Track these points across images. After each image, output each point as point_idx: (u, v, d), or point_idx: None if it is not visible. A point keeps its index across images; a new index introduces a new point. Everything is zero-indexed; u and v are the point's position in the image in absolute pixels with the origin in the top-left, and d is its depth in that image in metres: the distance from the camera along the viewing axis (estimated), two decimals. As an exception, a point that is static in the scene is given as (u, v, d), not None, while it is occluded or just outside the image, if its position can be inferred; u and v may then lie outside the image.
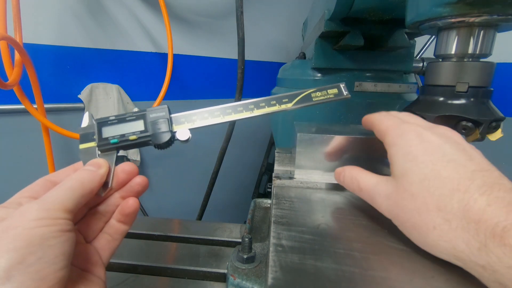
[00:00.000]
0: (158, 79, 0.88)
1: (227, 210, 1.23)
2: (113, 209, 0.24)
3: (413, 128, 0.23)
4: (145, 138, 0.25)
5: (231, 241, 0.40)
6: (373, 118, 0.28)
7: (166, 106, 0.26)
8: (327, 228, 0.25)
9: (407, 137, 0.23)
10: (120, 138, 0.24)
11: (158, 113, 0.26)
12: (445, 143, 0.21)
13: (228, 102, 0.27)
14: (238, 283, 0.27)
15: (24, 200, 0.20)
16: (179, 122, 0.26)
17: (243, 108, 0.27)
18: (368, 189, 0.25)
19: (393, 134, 0.24)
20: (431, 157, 0.21)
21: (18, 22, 0.54)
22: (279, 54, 1.15)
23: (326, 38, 0.50)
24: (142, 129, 0.25)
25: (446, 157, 0.20)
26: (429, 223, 0.19)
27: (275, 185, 0.34)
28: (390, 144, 0.24)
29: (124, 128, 0.25)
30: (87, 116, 0.26)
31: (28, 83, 0.57)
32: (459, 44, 0.28)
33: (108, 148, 0.24)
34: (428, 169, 0.20)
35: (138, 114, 0.25)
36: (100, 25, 0.77)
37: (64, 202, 0.19)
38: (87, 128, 0.25)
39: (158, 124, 0.25)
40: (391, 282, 0.19)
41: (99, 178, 0.22)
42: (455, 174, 0.19)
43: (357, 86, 0.51)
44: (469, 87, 0.28)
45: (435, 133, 0.22)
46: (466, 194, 0.18)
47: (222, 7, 0.95)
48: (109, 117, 0.25)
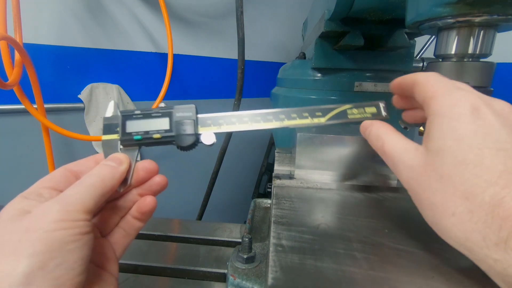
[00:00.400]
0: (158, 79, 0.88)
1: (227, 210, 1.23)
2: (130, 205, 0.24)
3: (469, 98, 0.19)
4: (168, 138, 0.24)
5: (231, 241, 0.40)
6: (418, 75, 0.23)
7: (193, 106, 0.25)
8: (327, 228, 0.25)
9: (459, 109, 0.19)
10: (144, 135, 0.24)
11: (185, 113, 0.25)
12: (502, 127, 0.18)
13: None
14: (238, 283, 0.27)
15: (45, 191, 0.20)
16: (205, 124, 0.25)
17: (273, 117, 0.26)
18: (392, 154, 0.23)
19: (443, 101, 0.20)
20: (480, 141, 0.18)
21: (18, 22, 0.54)
22: (279, 54, 1.15)
23: (326, 38, 0.50)
24: (167, 128, 0.24)
25: (498, 144, 0.18)
26: (448, 209, 0.18)
27: (275, 185, 0.34)
28: (435, 112, 0.20)
29: (149, 124, 0.24)
30: (112, 105, 0.25)
31: (28, 83, 0.57)
32: (459, 44, 0.28)
33: (131, 143, 0.24)
34: (471, 154, 0.18)
35: (164, 111, 0.25)
36: (100, 25, 0.77)
37: (85, 202, 0.18)
38: (112, 118, 0.24)
39: (184, 124, 0.24)
40: (391, 282, 0.19)
41: (119, 175, 0.21)
42: (500, 166, 0.17)
43: (357, 86, 0.51)
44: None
45: (493, 110, 0.19)
46: (504, 189, 0.16)
47: (222, 7, 0.95)
48: (135, 111, 0.25)
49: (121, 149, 0.24)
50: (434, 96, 0.21)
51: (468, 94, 0.20)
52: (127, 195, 0.24)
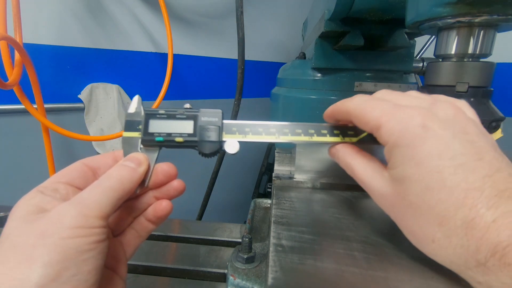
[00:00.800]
0: (158, 79, 0.88)
1: (227, 210, 1.23)
2: (144, 206, 0.23)
3: (413, 116, 0.19)
4: (191, 143, 0.23)
5: (231, 241, 0.40)
6: (349, 106, 0.22)
7: (220, 111, 0.24)
8: (327, 228, 0.25)
9: (409, 134, 0.19)
10: (166, 137, 0.23)
11: (211, 118, 0.24)
12: (453, 137, 0.18)
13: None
14: (238, 283, 0.27)
15: (60, 186, 0.19)
16: (230, 132, 0.24)
17: (302, 131, 0.25)
18: (363, 181, 0.22)
19: (391, 130, 0.19)
20: (437, 162, 0.18)
21: (18, 22, 0.54)
22: (279, 54, 1.15)
23: (326, 38, 0.50)
24: (190, 132, 0.23)
25: (454, 161, 0.17)
26: (427, 236, 0.18)
27: (275, 185, 0.34)
28: (388, 142, 0.20)
29: (172, 126, 0.23)
30: (136, 100, 0.24)
31: (28, 83, 0.57)
32: (459, 44, 0.28)
33: (152, 144, 0.23)
34: (433, 178, 0.17)
35: (190, 114, 0.24)
36: (100, 25, 0.77)
37: (103, 207, 0.18)
38: (134, 115, 0.23)
39: (208, 130, 0.23)
40: (391, 282, 0.19)
41: (138, 177, 0.21)
42: (462, 184, 0.17)
43: (357, 86, 0.51)
44: (469, 87, 0.28)
45: (439, 121, 0.19)
46: (472, 210, 0.16)
47: (222, 7, 0.95)
48: (159, 110, 0.24)
49: (141, 148, 0.23)
50: (379, 125, 0.20)
51: (410, 111, 0.19)
52: (143, 197, 0.23)
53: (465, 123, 0.19)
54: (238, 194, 1.25)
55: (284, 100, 0.59)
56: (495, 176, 0.17)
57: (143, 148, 0.23)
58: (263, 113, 1.15)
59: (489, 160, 0.17)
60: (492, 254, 0.15)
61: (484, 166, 0.17)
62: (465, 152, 0.18)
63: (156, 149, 0.23)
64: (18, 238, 0.16)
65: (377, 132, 0.21)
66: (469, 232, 0.16)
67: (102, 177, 0.20)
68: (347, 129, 0.25)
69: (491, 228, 0.16)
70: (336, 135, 0.25)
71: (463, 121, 0.19)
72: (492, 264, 0.15)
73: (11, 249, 0.15)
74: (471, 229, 0.16)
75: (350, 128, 0.25)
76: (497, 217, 0.16)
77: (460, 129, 0.19)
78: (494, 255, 0.15)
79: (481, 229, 0.16)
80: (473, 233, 0.16)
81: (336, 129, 0.25)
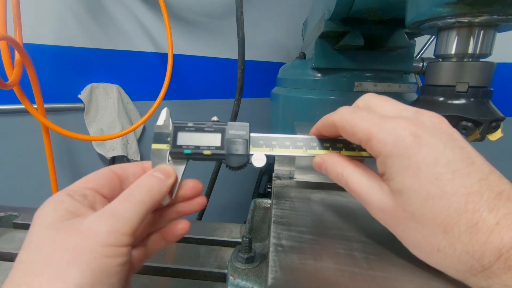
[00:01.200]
0: (158, 79, 0.88)
1: (227, 210, 1.23)
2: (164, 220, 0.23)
3: (404, 127, 0.19)
4: (219, 156, 0.23)
5: (231, 241, 0.40)
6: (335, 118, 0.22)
7: (248, 124, 0.24)
8: (327, 228, 0.25)
9: (402, 144, 0.18)
10: (194, 149, 0.23)
11: (238, 131, 0.24)
12: (445, 145, 0.18)
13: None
14: (238, 283, 0.27)
15: (89, 192, 0.19)
16: (257, 145, 0.24)
17: (329, 145, 0.25)
18: (359, 193, 0.21)
19: (382, 141, 0.19)
20: (434, 170, 0.17)
21: (18, 22, 0.54)
22: (279, 54, 1.15)
23: (326, 38, 0.50)
24: (218, 145, 0.23)
25: (450, 167, 0.17)
26: (432, 246, 0.18)
27: (275, 185, 0.34)
28: (382, 154, 0.19)
29: (200, 139, 0.24)
30: (164, 112, 0.24)
31: (28, 83, 0.57)
32: (459, 44, 0.28)
33: (180, 157, 0.23)
34: (432, 187, 0.17)
35: (217, 127, 0.24)
36: (100, 25, 0.77)
37: (133, 222, 0.17)
38: (162, 127, 0.24)
39: (236, 144, 0.24)
40: (391, 282, 0.19)
41: (166, 188, 0.21)
42: (462, 190, 0.17)
43: (357, 86, 0.51)
44: (469, 87, 0.28)
45: (429, 130, 0.19)
46: (475, 214, 0.16)
47: (222, 7, 0.95)
48: (187, 123, 0.24)
49: (169, 161, 0.23)
50: (369, 137, 0.20)
51: (399, 121, 0.19)
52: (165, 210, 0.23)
53: (451, 130, 0.19)
54: (238, 194, 1.25)
55: (284, 100, 0.59)
56: (490, 179, 0.17)
57: (171, 160, 0.23)
58: (263, 113, 1.15)
59: (480, 164, 0.18)
60: (497, 257, 0.15)
61: (477, 170, 0.17)
62: (457, 158, 0.18)
63: (184, 162, 0.23)
64: (50, 250, 0.15)
65: (367, 143, 0.20)
66: (474, 237, 0.16)
67: (132, 187, 0.20)
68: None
69: (495, 231, 0.16)
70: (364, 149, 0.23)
71: (449, 129, 0.19)
72: (497, 267, 0.15)
73: (44, 263, 0.15)
74: (475, 233, 0.16)
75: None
76: (499, 220, 0.16)
77: (448, 136, 0.19)
78: (499, 258, 0.15)
79: (485, 233, 0.16)
80: (477, 238, 0.16)
81: None
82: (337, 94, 0.52)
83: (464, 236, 0.16)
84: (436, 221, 0.17)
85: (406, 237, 0.19)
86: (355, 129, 0.21)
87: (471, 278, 0.17)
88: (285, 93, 0.59)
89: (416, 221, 0.18)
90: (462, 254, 0.17)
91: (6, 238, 0.38)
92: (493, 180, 0.17)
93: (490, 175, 0.17)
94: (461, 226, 0.17)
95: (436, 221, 0.17)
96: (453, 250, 0.17)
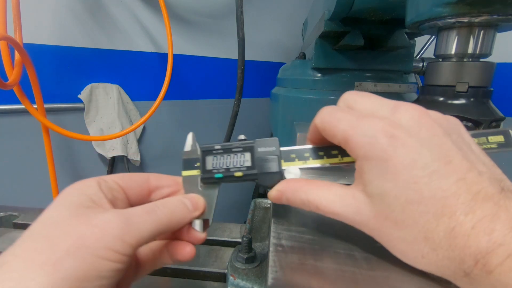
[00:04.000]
0: (158, 79, 0.88)
1: (227, 210, 1.23)
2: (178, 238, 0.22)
3: (379, 127, 0.18)
4: (251, 177, 0.23)
5: (231, 241, 0.40)
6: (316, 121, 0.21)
7: (276, 139, 0.24)
8: (327, 228, 0.25)
9: (378, 145, 0.17)
10: (225, 172, 0.23)
11: (267, 148, 0.23)
12: (421, 145, 0.17)
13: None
14: (238, 283, 0.27)
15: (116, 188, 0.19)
16: (288, 159, 0.23)
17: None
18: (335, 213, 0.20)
19: (358, 143, 0.18)
20: (411, 172, 0.17)
21: (18, 22, 0.54)
22: (279, 54, 1.15)
23: (326, 38, 0.50)
24: (248, 164, 0.23)
25: (427, 169, 0.17)
26: (417, 253, 0.17)
27: (275, 185, 0.34)
28: (358, 156, 0.19)
29: (230, 160, 0.23)
30: (190, 137, 0.24)
31: (28, 83, 0.57)
32: (459, 44, 0.28)
33: (212, 181, 0.23)
34: (410, 191, 0.17)
35: (246, 146, 0.23)
36: (100, 25, 0.77)
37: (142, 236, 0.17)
38: (190, 153, 0.23)
39: (267, 161, 0.23)
40: (391, 281, 0.19)
41: (188, 220, 0.21)
42: (439, 193, 0.16)
43: (357, 86, 0.51)
44: (469, 87, 0.28)
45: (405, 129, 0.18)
46: (452, 218, 0.16)
47: (222, 7, 0.95)
48: (214, 146, 0.23)
49: (202, 186, 0.23)
50: (346, 140, 0.19)
51: (373, 122, 0.18)
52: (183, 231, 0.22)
53: (430, 124, 0.18)
54: (238, 194, 1.25)
55: (284, 100, 0.59)
56: (468, 178, 0.16)
57: (203, 186, 0.23)
58: (263, 113, 1.15)
59: (458, 162, 0.17)
60: (475, 263, 0.15)
61: (455, 169, 0.17)
62: (434, 157, 0.17)
63: (217, 186, 0.23)
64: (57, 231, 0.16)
65: (346, 146, 0.20)
66: (453, 243, 0.16)
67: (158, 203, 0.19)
68: None
69: (471, 235, 0.15)
70: None
71: (428, 123, 0.18)
72: (476, 273, 0.15)
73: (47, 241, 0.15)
74: (453, 238, 0.16)
75: None
76: (476, 223, 0.15)
77: (426, 133, 0.18)
78: (477, 264, 0.15)
79: (462, 237, 0.16)
80: (456, 243, 0.16)
81: None
82: (337, 94, 0.51)
83: (443, 241, 0.16)
84: (417, 227, 0.17)
85: (392, 246, 0.19)
86: (334, 131, 0.20)
87: (457, 282, 0.17)
88: (285, 93, 0.59)
89: (398, 228, 0.18)
90: (444, 260, 0.16)
91: (6, 238, 0.38)
92: (471, 179, 0.16)
93: (468, 172, 0.17)
94: (440, 232, 0.16)
95: (417, 227, 0.17)
96: (435, 256, 0.17)
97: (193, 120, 1.00)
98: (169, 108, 0.94)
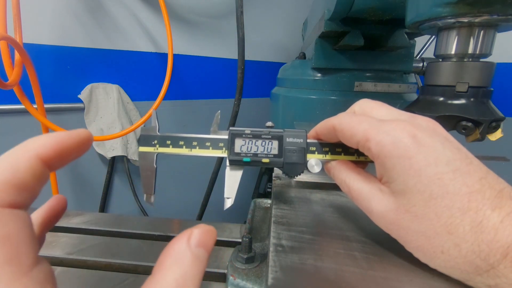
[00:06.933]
0: (158, 79, 0.88)
1: (227, 210, 1.23)
2: None
3: (401, 128, 0.19)
4: (277, 165, 0.23)
5: (231, 241, 0.40)
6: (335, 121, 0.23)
7: (304, 131, 0.24)
8: (327, 228, 0.25)
9: (401, 144, 0.18)
10: (253, 157, 0.23)
11: (296, 139, 0.24)
12: (443, 145, 0.18)
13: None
14: (238, 283, 0.27)
15: None
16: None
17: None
18: (360, 200, 0.22)
19: (380, 140, 0.19)
20: (435, 169, 0.17)
21: (18, 22, 0.54)
22: (279, 54, 1.15)
23: (326, 38, 0.50)
24: (276, 152, 0.24)
25: (451, 166, 0.17)
26: (436, 248, 0.18)
27: (275, 185, 0.34)
28: (381, 155, 0.19)
29: (258, 146, 0.24)
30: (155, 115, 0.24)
31: (28, 83, 0.57)
32: (459, 44, 0.28)
33: (239, 164, 0.23)
34: (435, 186, 0.17)
35: (275, 134, 0.24)
36: (100, 25, 0.77)
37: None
38: (149, 129, 0.23)
39: (294, 152, 0.24)
40: (391, 282, 0.19)
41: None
42: (464, 188, 0.17)
43: (357, 86, 0.51)
44: (469, 87, 0.28)
45: (426, 131, 0.19)
46: (478, 212, 0.16)
47: (222, 7, 0.95)
48: (245, 130, 0.24)
49: (228, 167, 0.24)
50: (367, 138, 0.20)
51: (397, 123, 0.19)
52: None
53: (445, 132, 0.20)
54: (238, 194, 1.25)
55: (284, 100, 0.59)
56: (489, 178, 0.17)
57: (229, 166, 0.24)
58: (263, 113, 1.15)
59: (478, 164, 0.18)
60: (504, 255, 0.15)
61: (476, 169, 0.18)
62: (456, 157, 0.18)
63: (242, 167, 0.24)
64: None
65: (365, 145, 0.20)
66: (479, 236, 0.16)
67: None
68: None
69: (500, 229, 0.16)
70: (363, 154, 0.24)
71: (443, 131, 0.20)
72: (504, 266, 0.15)
73: None
74: (480, 233, 0.16)
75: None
76: (504, 218, 0.16)
77: (444, 137, 0.19)
78: (506, 256, 0.15)
79: (490, 231, 0.16)
80: (482, 237, 0.16)
81: None
82: (337, 94, 0.52)
83: (469, 235, 0.16)
84: (439, 222, 0.17)
85: (408, 240, 0.19)
86: (354, 130, 0.21)
87: (476, 278, 0.17)
88: (285, 93, 0.59)
89: (419, 222, 0.18)
90: (467, 254, 0.17)
91: (6, 238, 0.38)
92: (492, 179, 0.17)
93: (488, 174, 0.18)
94: (465, 226, 0.17)
95: (440, 221, 0.17)
96: (458, 250, 0.17)
97: (193, 120, 1.00)
98: (169, 108, 0.94)
